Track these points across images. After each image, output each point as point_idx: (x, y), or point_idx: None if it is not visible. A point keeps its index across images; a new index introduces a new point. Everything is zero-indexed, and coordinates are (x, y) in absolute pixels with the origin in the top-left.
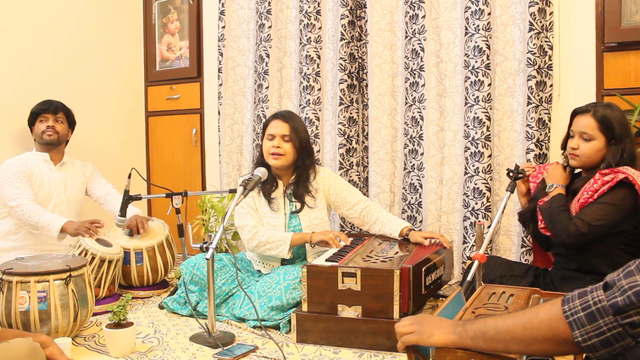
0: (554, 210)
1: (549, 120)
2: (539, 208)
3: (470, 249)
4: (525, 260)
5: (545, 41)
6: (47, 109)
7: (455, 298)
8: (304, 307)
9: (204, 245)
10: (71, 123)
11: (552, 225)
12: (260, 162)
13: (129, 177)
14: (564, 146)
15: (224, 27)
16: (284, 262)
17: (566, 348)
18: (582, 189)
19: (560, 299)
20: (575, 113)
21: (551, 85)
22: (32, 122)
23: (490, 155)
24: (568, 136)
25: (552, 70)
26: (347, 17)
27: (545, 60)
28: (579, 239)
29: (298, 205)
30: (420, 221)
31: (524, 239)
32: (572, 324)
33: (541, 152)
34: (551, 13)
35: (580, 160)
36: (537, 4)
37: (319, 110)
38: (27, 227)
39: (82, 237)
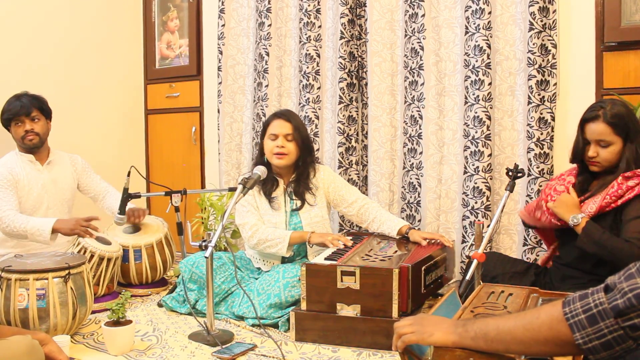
0: (604, 242)
1: (552, 120)
2: (581, 246)
3: (469, 248)
4: (527, 259)
5: (549, 40)
6: (19, 111)
7: (449, 298)
8: (303, 306)
9: (203, 244)
10: (47, 115)
11: (613, 255)
12: (260, 161)
13: (128, 175)
14: (575, 157)
15: (223, 25)
16: (284, 260)
17: (567, 350)
18: (602, 191)
19: (561, 300)
20: (585, 120)
21: (555, 84)
22: (5, 125)
23: (490, 155)
24: (580, 146)
25: (555, 69)
26: (347, 15)
27: (548, 59)
28: None
29: (298, 203)
30: (419, 220)
31: (526, 237)
32: (572, 326)
33: (542, 152)
34: (554, 11)
35: (601, 166)
36: (538, 3)
37: (319, 109)
38: (14, 238)
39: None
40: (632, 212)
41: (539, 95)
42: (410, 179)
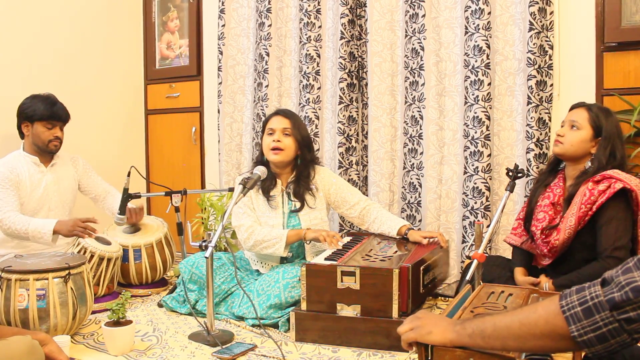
0: (578, 281)
1: (550, 120)
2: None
3: (469, 249)
4: None
5: (546, 41)
6: (61, 116)
7: (464, 297)
8: (303, 306)
9: (203, 244)
10: None
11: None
12: (260, 160)
13: (129, 175)
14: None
15: (223, 25)
16: (282, 261)
17: (563, 344)
18: (575, 200)
19: (558, 294)
20: (571, 108)
21: (551, 85)
22: (30, 120)
23: (489, 155)
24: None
25: (552, 70)
26: (347, 15)
27: (545, 60)
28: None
29: (298, 204)
30: (420, 220)
31: None
32: (568, 318)
33: (541, 152)
34: (551, 13)
35: (562, 148)
36: (537, 3)
37: (319, 109)
38: (16, 239)
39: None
40: (601, 220)
41: (538, 95)
42: (411, 179)
